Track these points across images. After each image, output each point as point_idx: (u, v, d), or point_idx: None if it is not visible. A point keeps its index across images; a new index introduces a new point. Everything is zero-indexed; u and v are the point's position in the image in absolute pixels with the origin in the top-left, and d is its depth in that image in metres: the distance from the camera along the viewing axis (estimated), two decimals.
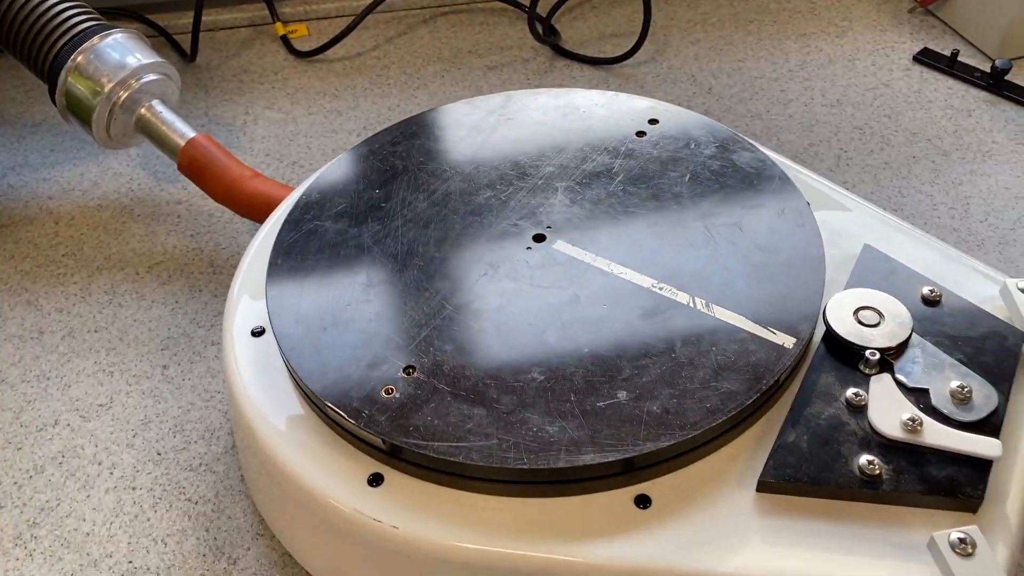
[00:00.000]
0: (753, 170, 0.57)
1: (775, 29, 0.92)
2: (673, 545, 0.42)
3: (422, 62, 0.91)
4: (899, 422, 0.44)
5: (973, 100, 0.82)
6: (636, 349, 0.47)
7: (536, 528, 0.43)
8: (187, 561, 0.54)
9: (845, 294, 0.50)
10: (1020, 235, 0.70)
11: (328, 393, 0.46)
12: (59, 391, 0.63)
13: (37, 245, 0.74)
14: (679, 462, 0.45)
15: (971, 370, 0.47)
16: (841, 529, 0.42)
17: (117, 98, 0.67)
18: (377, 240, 0.55)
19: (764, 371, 0.46)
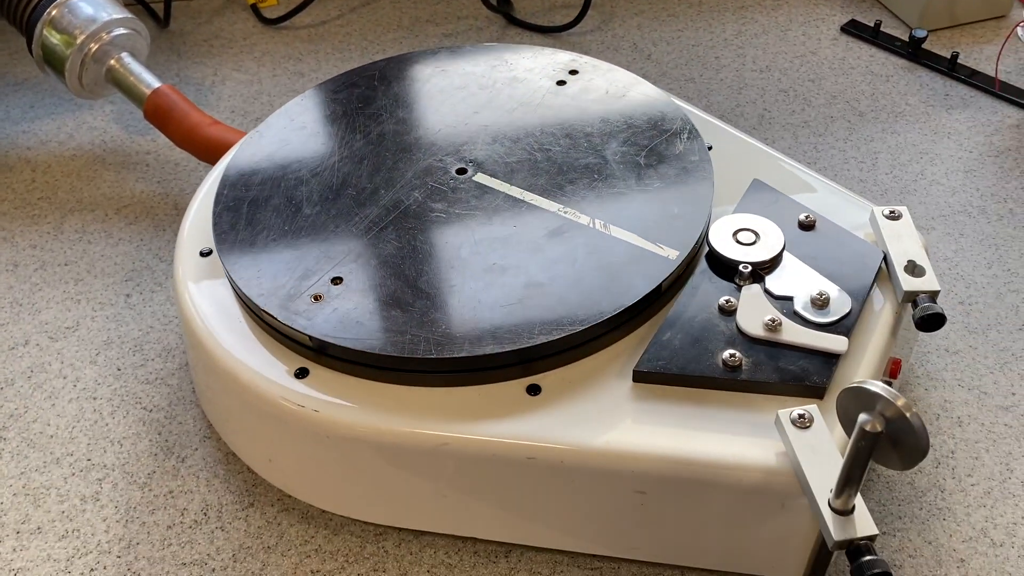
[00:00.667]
0: (660, 114, 0.63)
1: (715, 2, 0.98)
2: (556, 424, 0.48)
3: (382, 30, 0.97)
4: (761, 323, 0.50)
5: (892, 67, 0.88)
6: (537, 261, 0.53)
7: (439, 412, 0.49)
8: (140, 459, 0.59)
9: (728, 218, 0.55)
10: (920, 185, 0.76)
11: (262, 298, 0.52)
12: (30, 316, 0.69)
13: (15, 190, 0.79)
14: (568, 356, 0.50)
15: (832, 282, 0.52)
16: (704, 412, 0.48)
17: (88, 50, 0.73)
18: (315, 173, 0.60)
19: (648, 279, 0.52)
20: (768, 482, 0.45)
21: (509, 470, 0.48)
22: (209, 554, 0.54)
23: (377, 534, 0.55)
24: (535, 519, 0.51)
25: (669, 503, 0.48)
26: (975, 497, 0.55)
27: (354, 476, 0.52)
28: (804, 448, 0.44)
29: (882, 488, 0.56)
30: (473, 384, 0.50)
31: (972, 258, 0.69)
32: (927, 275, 0.52)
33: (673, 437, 0.47)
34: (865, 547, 0.41)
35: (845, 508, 0.42)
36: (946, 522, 0.54)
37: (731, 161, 0.62)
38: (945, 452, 0.58)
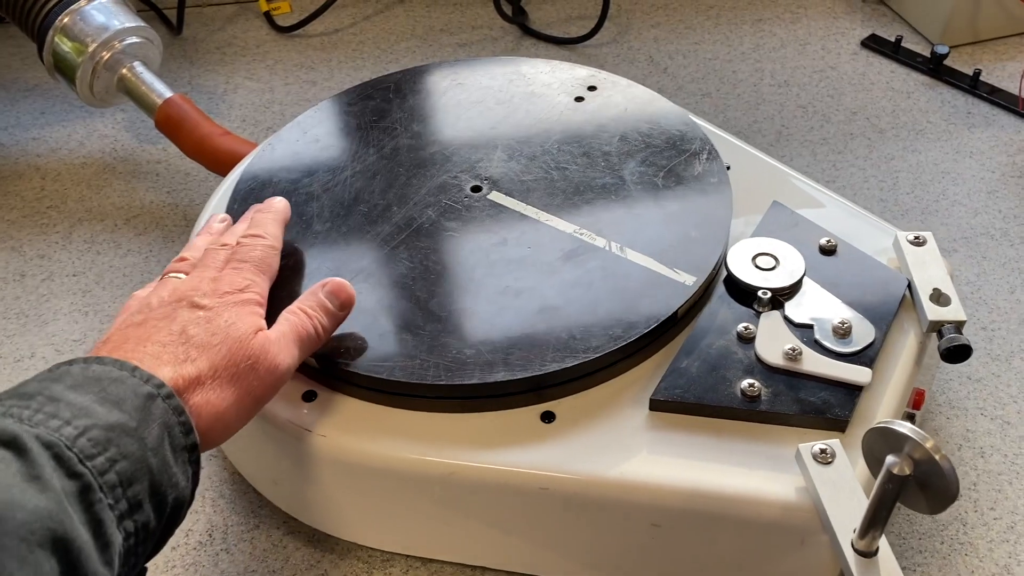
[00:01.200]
0: (679, 134, 0.61)
1: (733, 15, 0.96)
2: (569, 453, 0.47)
3: (395, 39, 0.96)
4: (781, 351, 0.49)
5: (913, 83, 0.86)
6: (551, 284, 0.52)
7: (449, 439, 0.48)
8: None
9: (747, 241, 0.54)
10: (942, 205, 0.74)
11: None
12: (37, 327, 0.68)
13: (24, 198, 0.79)
14: (583, 383, 0.49)
15: (855, 310, 0.51)
16: (722, 443, 0.47)
17: (100, 58, 0.72)
18: (326, 188, 0.59)
19: (664, 304, 0.50)
20: (787, 518, 0.44)
21: (521, 500, 0.47)
22: None
23: (384, 560, 0.54)
24: (546, 550, 0.49)
25: (685, 537, 0.46)
26: (998, 532, 0.54)
27: (361, 502, 0.50)
28: (825, 484, 0.43)
29: (902, 521, 0.55)
30: (485, 411, 0.49)
31: (995, 282, 0.68)
32: (953, 304, 0.51)
33: (689, 469, 0.46)
34: None
35: (869, 550, 0.40)
36: (968, 557, 0.53)
37: (750, 182, 0.61)
38: (967, 484, 0.56)
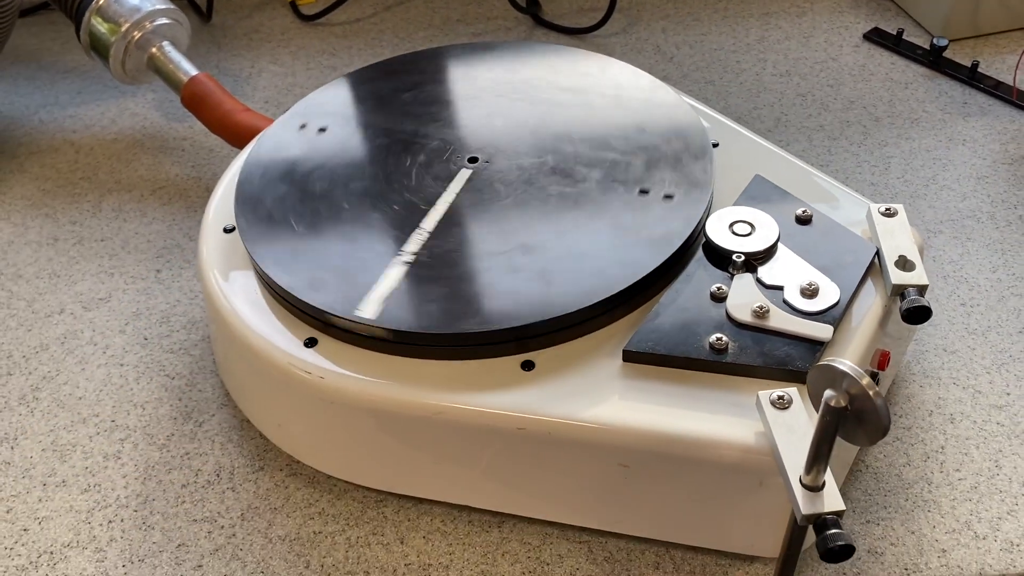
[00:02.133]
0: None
1: (741, 8, 0.99)
2: (546, 398, 0.50)
3: (414, 28, 1.00)
4: (750, 309, 0.52)
5: (912, 74, 0.89)
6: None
7: (437, 383, 0.52)
8: (160, 422, 0.63)
9: (726, 210, 0.57)
10: (931, 189, 0.76)
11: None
12: (67, 286, 0.73)
13: (59, 170, 0.84)
14: (562, 336, 0.53)
15: (824, 274, 0.54)
16: (690, 392, 0.50)
17: (132, 37, 0.77)
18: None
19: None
20: (746, 460, 0.47)
21: (500, 440, 0.51)
22: (219, 512, 0.58)
23: (378, 501, 0.58)
24: (525, 490, 0.53)
25: (651, 477, 0.49)
26: (962, 491, 0.56)
27: (355, 442, 0.54)
28: (781, 428, 0.46)
29: (870, 479, 0.57)
30: (471, 359, 0.52)
31: (977, 262, 0.70)
32: (917, 270, 0.54)
33: (657, 414, 0.49)
34: (832, 522, 0.42)
35: (815, 484, 0.43)
36: (931, 514, 0.55)
37: (736, 157, 0.64)
38: (935, 447, 0.59)
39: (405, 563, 0.55)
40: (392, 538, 0.56)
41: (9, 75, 0.95)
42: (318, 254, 0.57)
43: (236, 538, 0.56)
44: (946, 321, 0.66)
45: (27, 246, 0.76)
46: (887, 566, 0.53)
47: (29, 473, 0.60)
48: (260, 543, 0.56)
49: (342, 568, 0.55)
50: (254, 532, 0.57)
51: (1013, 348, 0.64)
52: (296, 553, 0.55)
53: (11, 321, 0.70)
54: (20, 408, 0.64)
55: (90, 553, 0.56)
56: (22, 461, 0.61)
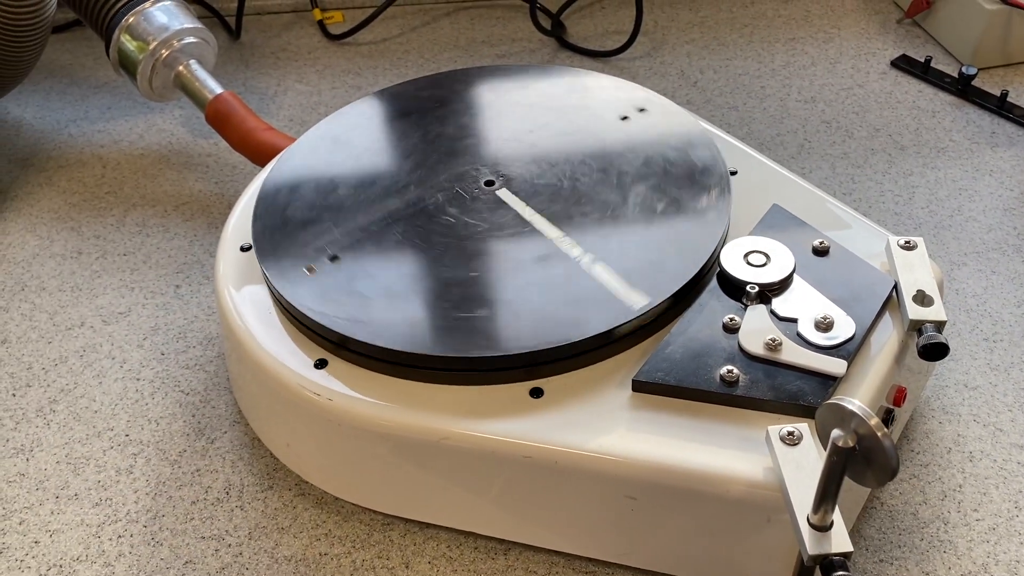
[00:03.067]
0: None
1: (767, 32, 0.99)
2: (554, 426, 0.50)
3: (439, 48, 1.00)
4: (762, 342, 0.51)
5: (940, 103, 0.87)
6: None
7: (444, 408, 0.51)
8: (173, 438, 0.63)
9: (741, 240, 0.57)
10: (956, 221, 0.75)
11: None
12: (88, 300, 0.74)
13: (85, 184, 0.85)
14: (571, 364, 0.52)
15: (840, 307, 0.53)
16: (698, 424, 0.49)
17: (159, 55, 0.79)
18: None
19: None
20: (753, 495, 0.46)
21: (507, 468, 0.50)
22: (227, 530, 0.58)
23: (384, 524, 0.57)
24: (531, 518, 0.52)
25: (658, 510, 0.49)
26: (979, 532, 0.55)
27: (362, 464, 0.54)
28: (790, 464, 0.45)
29: (884, 517, 0.56)
30: (479, 384, 0.52)
31: (1002, 296, 0.69)
32: (935, 305, 0.53)
33: (665, 446, 0.48)
34: (839, 563, 0.41)
35: (823, 524, 0.42)
36: (946, 555, 0.54)
37: (754, 185, 0.63)
38: (953, 486, 0.57)
39: None
40: (397, 562, 0.56)
41: (42, 89, 0.97)
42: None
43: (243, 557, 0.56)
44: (968, 356, 0.65)
45: (51, 259, 0.78)
46: None
47: (43, 485, 0.61)
48: (266, 563, 0.56)
49: None
50: (261, 552, 0.57)
51: None
52: (301, 574, 0.55)
53: (32, 333, 0.71)
54: (37, 420, 0.65)
55: (99, 568, 0.56)
56: (36, 473, 0.62)
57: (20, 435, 0.64)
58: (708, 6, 1.04)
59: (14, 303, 0.74)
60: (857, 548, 0.55)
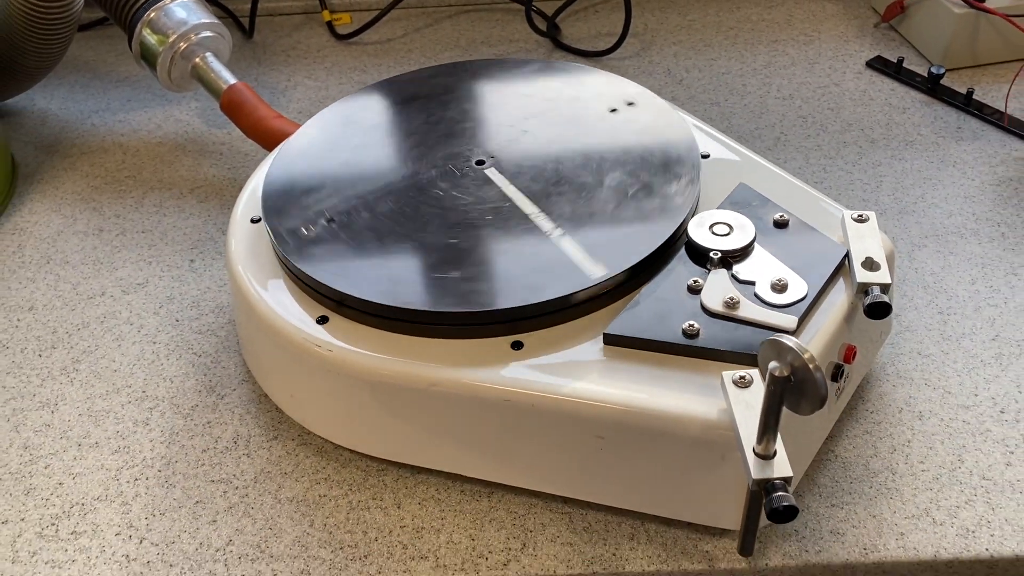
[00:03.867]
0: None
1: (751, 35, 1.04)
2: (531, 374, 0.55)
3: (440, 48, 1.06)
4: (722, 300, 0.56)
5: (911, 100, 0.93)
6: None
7: (434, 358, 0.57)
8: (186, 394, 0.69)
9: (708, 212, 0.62)
10: (919, 207, 0.80)
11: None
12: (108, 272, 0.79)
13: (107, 168, 0.91)
14: (549, 320, 0.57)
15: (795, 272, 0.58)
16: (663, 373, 0.54)
17: (178, 48, 0.84)
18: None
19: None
20: (709, 435, 0.51)
21: (489, 411, 0.55)
22: (235, 475, 0.63)
23: (379, 469, 0.62)
24: (511, 460, 0.58)
25: (624, 449, 0.54)
26: (924, 481, 0.60)
27: (359, 412, 0.59)
28: (741, 404, 0.50)
29: (837, 467, 0.61)
30: (466, 337, 0.57)
31: (958, 274, 0.74)
32: (881, 270, 0.58)
33: (631, 390, 0.53)
34: (780, 486, 0.46)
35: (767, 453, 0.47)
36: (892, 500, 0.59)
37: (724, 167, 0.68)
38: (902, 441, 0.62)
39: (400, 525, 0.59)
40: (390, 503, 0.61)
41: (67, 83, 1.03)
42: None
43: (248, 498, 0.62)
44: (923, 327, 0.70)
45: (75, 235, 0.83)
46: (847, 546, 0.57)
47: (66, 435, 0.66)
48: (270, 503, 0.61)
49: (343, 528, 0.60)
50: (265, 493, 0.62)
51: (984, 354, 0.67)
52: (302, 513, 0.60)
53: (57, 301, 0.77)
54: (61, 377, 0.70)
55: (117, 506, 0.62)
56: (60, 424, 0.67)
57: (45, 390, 0.70)
58: (696, 10, 1.10)
59: (40, 275, 0.79)
60: (811, 494, 0.60)
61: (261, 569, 0.58)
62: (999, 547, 0.56)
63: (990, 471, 0.60)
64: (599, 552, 0.57)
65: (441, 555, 0.58)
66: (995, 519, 0.58)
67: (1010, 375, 0.66)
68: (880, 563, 0.56)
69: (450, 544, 0.58)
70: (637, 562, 0.56)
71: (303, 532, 0.60)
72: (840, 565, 0.56)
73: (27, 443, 0.66)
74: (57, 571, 0.58)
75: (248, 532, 0.60)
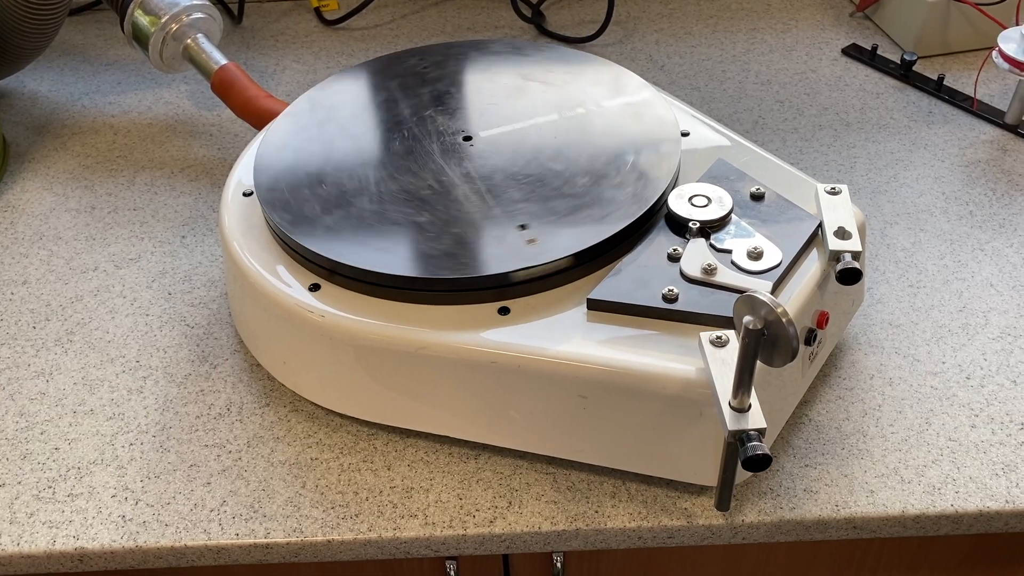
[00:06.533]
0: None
1: (730, 23, 1.07)
2: (517, 337, 0.57)
3: (427, 34, 1.08)
4: (700, 267, 0.58)
5: (884, 86, 0.95)
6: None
7: (423, 323, 0.59)
8: (179, 364, 0.70)
9: (687, 186, 0.64)
10: (891, 186, 0.83)
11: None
12: (101, 247, 0.81)
13: (98, 148, 0.92)
14: (536, 286, 0.60)
15: (770, 240, 0.61)
16: (644, 335, 0.57)
17: (169, 29, 0.86)
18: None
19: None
20: (687, 392, 0.54)
21: (476, 373, 0.58)
22: (228, 439, 0.65)
23: (369, 434, 0.64)
24: (497, 421, 0.60)
25: (606, 407, 0.56)
26: (893, 443, 0.62)
27: (351, 376, 0.61)
28: (717, 362, 0.52)
29: (811, 430, 0.63)
30: (454, 303, 0.59)
31: (928, 249, 0.76)
32: (853, 239, 0.60)
33: (612, 352, 0.56)
34: (755, 436, 0.48)
35: (742, 407, 0.50)
36: (863, 461, 0.61)
37: (703, 143, 0.71)
38: (873, 406, 0.65)
39: (390, 486, 0.61)
40: (380, 465, 0.63)
41: (56, 66, 1.04)
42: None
43: (242, 461, 0.63)
44: (894, 299, 0.72)
45: (67, 213, 0.85)
46: (820, 503, 0.59)
47: (61, 403, 0.68)
48: (263, 466, 0.63)
49: (334, 489, 0.61)
50: (258, 457, 0.63)
51: (952, 324, 0.70)
52: (294, 475, 0.62)
53: (50, 276, 0.78)
54: (56, 348, 0.72)
55: (113, 469, 0.63)
56: (56, 392, 0.69)
57: (40, 360, 0.71)
58: None
59: (33, 250, 0.81)
60: (785, 455, 0.62)
61: (255, 528, 0.60)
62: (963, 503, 0.59)
63: (956, 433, 0.63)
64: (582, 510, 0.59)
65: (430, 513, 0.60)
66: (960, 477, 0.60)
67: (976, 344, 0.69)
68: (851, 519, 0.59)
69: (439, 503, 0.60)
70: (619, 519, 0.59)
71: (295, 493, 0.61)
72: (813, 521, 0.59)
73: (23, 410, 0.67)
74: (55, 531, 0.60)
75: (242, 493, 0.61)
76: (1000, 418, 0.64)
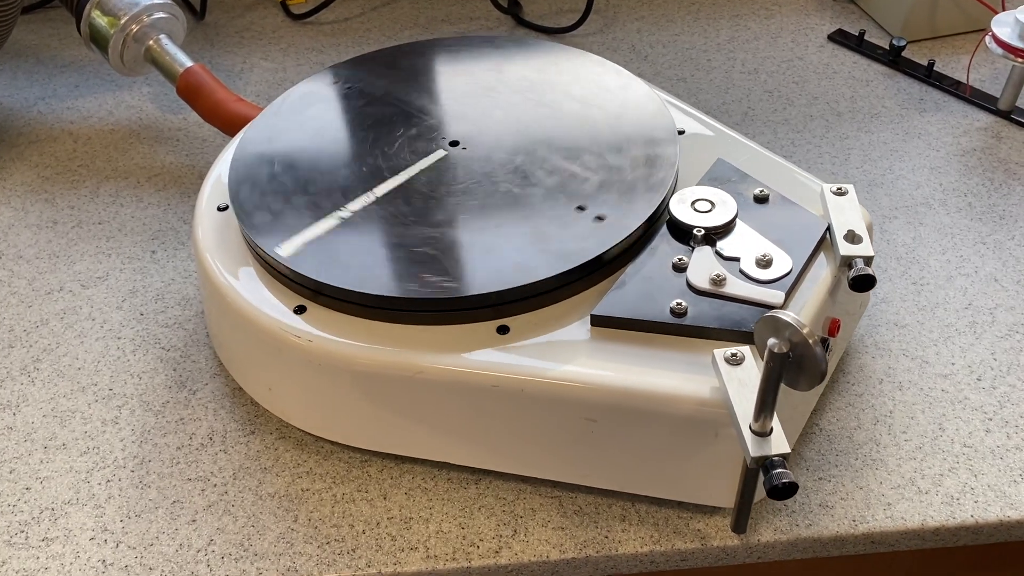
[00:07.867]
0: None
1: (712, 10, 1.04)
2: (519, 357, 0.54)
3: (399, 27, 1.04)
4: (708, 277, 0.56)
5: (873, 73, 0.93)
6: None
7: (419, 346, 0.55)
8: (156, 391, 0.66)
9: (688, 189, 0.61)
10: (887, 179, 0.81)
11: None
12: (66, 266, 0.76)
13: (58, 158, 0.87)
14: (536, 303, 0.56)
15: (778, 246, 0.58)
16: (652, 352, 0.54)
17: (130, 30, 0.81)
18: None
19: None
20: (702, 412, 0.51)
21: (476, 398, 0.54)
22: (212, 472, 0.61)
23: (363, 461, 0.61)
24: (500, 446, 0.57)
25: (616, 430, 0.53)
26: (907, 451, 0.60)
27: (342, 402, 0.58)
28: (734, 382, 0.50)
29: (822, 440, 0.61)
30: (449, 323, 0.56)
31: (929, 244, 0.74)
32: (864, 243, 0.58)
33: (621, 371, 0.53)
34: (779, 462, 0.46)
35: (763, 430, 0.47)
36: (878, 471, 0.59)
37: (700, 142, 0.68)
38: (884, 412, 0.63)
39: (388, 516, 0.58)
40: (376, 494, 0.59)
41: (8, 69, 0.99)
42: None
43: (228, 495, 0.60)
44: (898, 298, 0.70)
45: (27, 229, 0.80)
46: (836, 518, 0.57)
47: (31, 437, 0.64)
48: (251, 499, 0.59)
49: (328, 522, 0.58)
50: (245, 490, 0.60)
51: (959, 323, 0.68)
52: (285, 508, 0.59)
53: (12, 299, 0.73)
54: (21, 378, 0.67)
55: (90, 509, 0.59)
56: (24, 426, 0.64)
57: (5, 391, 0.67)
58: None
59: None
60: (798, 468, 0.60)
61: (246, 568, 0.56)
62: (983, 513, 0.57)
63: (970, 439, 0.61)
64: (591, 535, 0.57)
65: (431, 545, 0.57)
66: (978, 486, 0.58)
67: (984, 343, 0.67)
68: (869, 534, 0.57)
69: (440, 534, 0.57)
70: (630, 543, 0.56)
71: (287, 528, 0.58)
72: (831, 538, 0.57)
73: None
74: None
75: (230, 531, 0.58)
76: (1015, 421, 0.62)
